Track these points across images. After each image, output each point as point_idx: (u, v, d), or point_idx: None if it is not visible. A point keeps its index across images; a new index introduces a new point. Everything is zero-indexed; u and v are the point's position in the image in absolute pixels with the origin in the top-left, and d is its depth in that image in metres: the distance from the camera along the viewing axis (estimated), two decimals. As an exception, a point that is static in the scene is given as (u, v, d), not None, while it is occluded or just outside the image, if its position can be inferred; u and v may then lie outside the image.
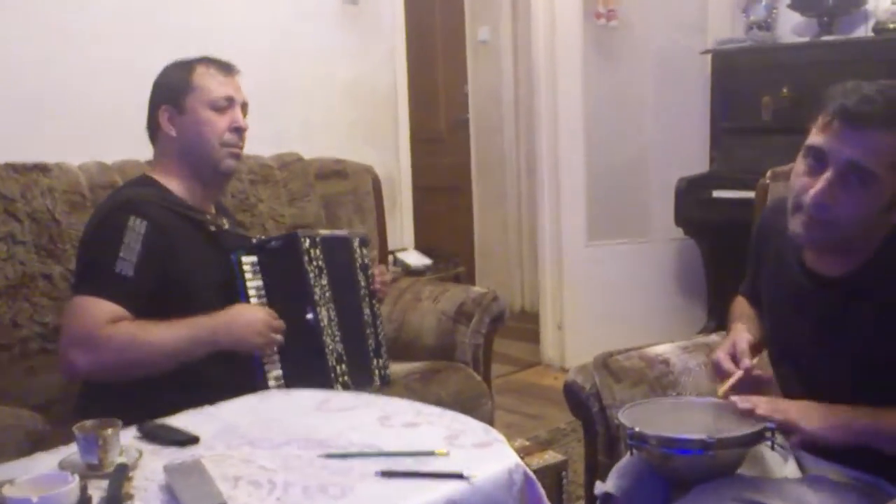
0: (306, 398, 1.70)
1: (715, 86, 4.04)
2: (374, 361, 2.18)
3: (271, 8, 3.34)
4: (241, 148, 2.05)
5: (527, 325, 4.81)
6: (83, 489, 1.21)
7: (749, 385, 1.61)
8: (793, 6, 3.88)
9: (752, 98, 3.86)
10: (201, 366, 1.83)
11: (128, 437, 1.46)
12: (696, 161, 4.06)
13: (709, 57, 4.06)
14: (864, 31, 3.78)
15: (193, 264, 1.93)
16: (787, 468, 1.62)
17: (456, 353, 2.60)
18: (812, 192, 1.45)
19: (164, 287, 1.86)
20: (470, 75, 5.41)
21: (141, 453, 1.39)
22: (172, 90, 2.01)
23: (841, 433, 1.43)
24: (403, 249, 3.70)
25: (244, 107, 2.07)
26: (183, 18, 3.02)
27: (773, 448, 1.48)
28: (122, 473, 1.27)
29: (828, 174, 1.44)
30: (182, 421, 1.55)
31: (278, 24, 3.36)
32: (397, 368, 2.37)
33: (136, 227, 1.84)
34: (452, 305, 2.65)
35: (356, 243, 2.20)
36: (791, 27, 4.03)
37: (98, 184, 2.29)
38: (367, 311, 2.19)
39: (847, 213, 1.44)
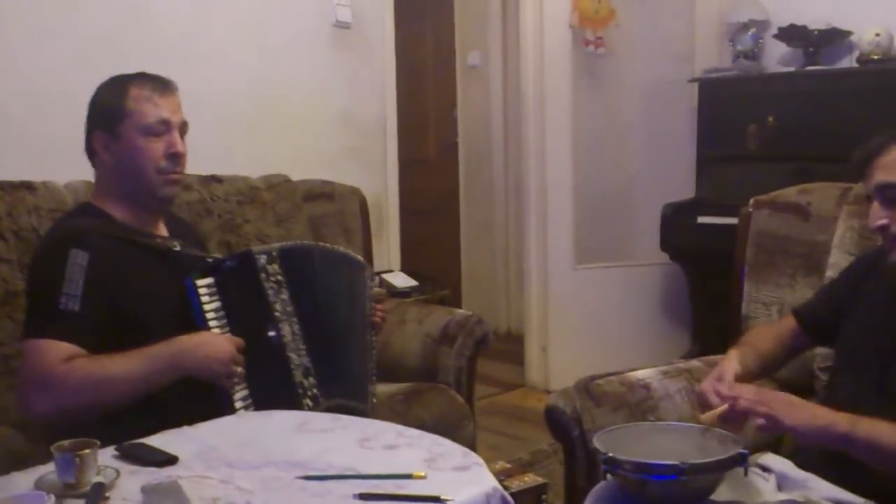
0: (286, 419, 1.70)
1: (701, 114, 4.08)
2: (371, 386, 2.17)
3: (262, 30, 3.36)
4: (180, 173, 1.97)
5: (512, 346, 4.82)
6: (59, 508, 1.21)
7: (734, 417, 1.62)
8: (779, 36, 3.94)
9: (738, 126, 3.90)
10: (165, 390, 1.78)
11: (106, 456, 1.45)
12: (682, 187, 4.09)
13: (696, 85, 4.11)
14: (848, 62, 3.84)
15: (144, 291, 1.88)
16: (765, 492, 1.63)
17: (439, 375, 2.61)
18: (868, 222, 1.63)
19: (115, 317, 1.81)
20: (459, 99, 5.45)
21: (118, 473, 1.38)
22: (106, 115, 1.92)
23: (819, 434, 1.47)
24: (390, 271, 3.70)
25: (183, 127, 1.97)
26: (173, 41, 3.04)
27: (745, 473, 1.50)
28: (98, 493, 1.27)
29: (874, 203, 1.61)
30: (161, 441, 1.54)
31: (269, 45, 3.38)
32: (381, 389, 2.37)
33: (78, 259, 1.78)
34: (436, 327, 2.66)
35: (368, 272, 2.19)
36: (777, 57, 4.09)
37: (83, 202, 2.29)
38: (368, 336, 2.16)
39: None
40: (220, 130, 3.12)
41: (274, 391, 1.90)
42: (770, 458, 1.69)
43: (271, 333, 1.95)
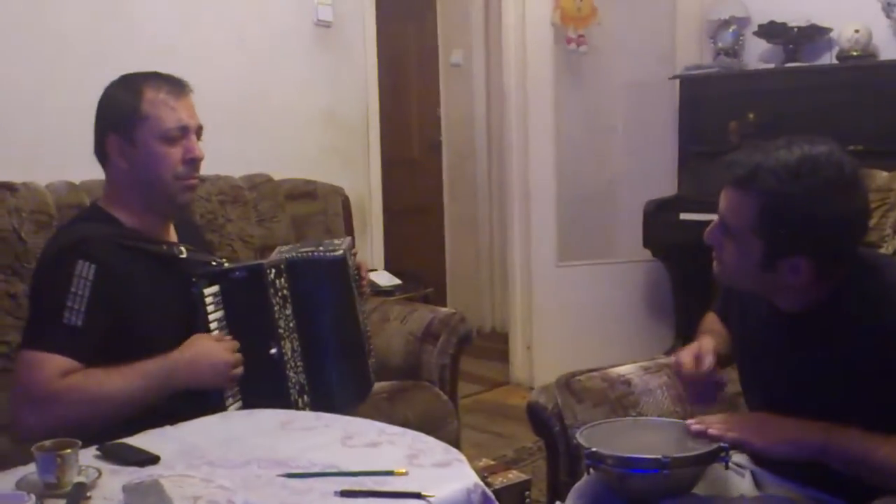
0: (268, 418, 1.70)
1: (683, 111, 4.10)
2: (370, 363, 2.18)
3: (243, 29, 3.35)
4: (196, 178, 1.94)
5: (496, 344, 4.84)
6: (39, 509, 1.21)
7: (708, 385, 1.67)
8: (759, 33, 3.96)
9: (719, 123, 3.92)
10: (159, 402, 1.76)
11: (87, 456, 1.45)
12: (664, 184, 4.11)
13: (677, 82, 4.12)
14: (828, 59, 3.86)
15: (150, 300, 1.85)
16: (743, 487, 1.65)
17: (423, 373, 2.62)
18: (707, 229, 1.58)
19: (119, 328, 1.79)
20: (443, 98, 5.45)
21: (100, 473, 1.38)
22: (121, 118, 1.86)
23: (791, 449, 1.46)
24: (373, 270, 3.70)
25: (199, 130, 1.93)
26: (153, 38, 3.03)
27: (727, 467, 1.51)
28: (79, 493, 1.27)
29: (716, 219, 1.56)
30: (142, 440, 1.54)
31: (250, 44, 3.37)
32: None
33: (84, 272, 1.75)
34: (420, 326, 2.67)
35: (350, 259, 2.12)
36: (758, 54, 4.12)
37: (65, 203, 2.28)
38: (361, 319, 2.15)
39: (727, 261, 1.55)
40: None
41: (268, 407, 1.84)
42: (742, 457, 1.70)
43: (273, 351, 1.92)
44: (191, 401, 1.80)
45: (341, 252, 2.08)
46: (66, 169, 2.40)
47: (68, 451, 1.33)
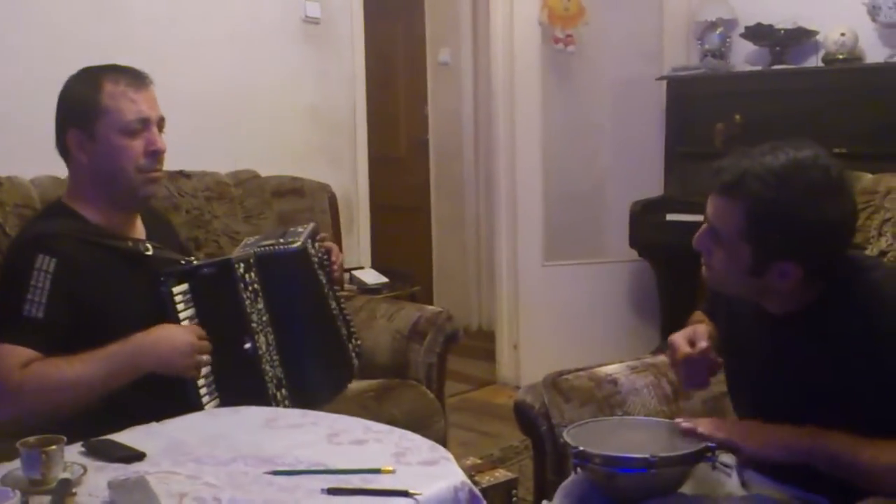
0: (254, 415, 1.70)
1: (670, 112, 4.11)
2: (350, 345, 2.18)
3: (230, 25, 3.34)
4: (159, 170, 1.93)
5: (483, 343, 4.84)
6: (24, 505, 1.20)
7: (703, 366, 1.67)
8: (746, 35, 3.98)
9: (706, 124, 3.93)
10: (132, 391, 1.75)
11: (73, 452, 1.45)
12: (651, 185, 4.12)
13: (664, 83, 4.13)
14: (814, 62, 3.88)
15: (114, 296, 1.84)
16: (730, 487, 1.65)
17: (410, 372, 2.62)
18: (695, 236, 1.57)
19: (82, 323, 1.78)
20: (430, 97, 5.45)
21: (85, 469, 1.37)
22: (81, 112, 1.86)
23: (780, 453, 1.47)
24: (360, 268, 3.70)
25: (161, 122, 1.92)
26: (139, 33, 3.02)
27: (714, 467, 1.51)
28: (64, 489, 1.27)
29: (704, 225, 1.56)
30: (128, 437, 1.54)
31: (237, 41, 3.37)
32: (351, 386, 2.37)
33: (45, 265, 1.75)
34: (407, 324, 2.66)
35: (309, 246, 2.09)
36: (744, 56, 4.13)
37: (50, 198, 2.25)
38: (333, 304, 2.14)
39: (716, 267, 1.55)
40: (188, 126, 3.08)
41: (246, 403, 1.84)
42: (728, 457, 1.71)
43: (247, 346, 1.92)
44: (167, 398, 1.79)
45: (301, 242, 2.06)
46: (52, 163, 2.37)
47: (53, 447, 1.33)
